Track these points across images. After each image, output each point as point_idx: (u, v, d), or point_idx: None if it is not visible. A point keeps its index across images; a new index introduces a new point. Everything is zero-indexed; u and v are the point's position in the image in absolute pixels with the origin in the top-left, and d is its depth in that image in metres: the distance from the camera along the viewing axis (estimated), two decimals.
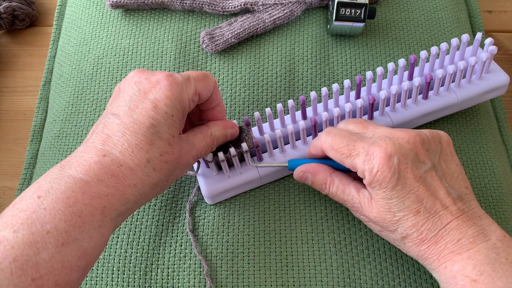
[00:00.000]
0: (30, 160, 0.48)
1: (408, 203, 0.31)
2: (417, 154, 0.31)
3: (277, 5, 0.47)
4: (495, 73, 0.42)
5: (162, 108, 0.31)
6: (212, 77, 0.35)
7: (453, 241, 0.30)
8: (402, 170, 0.30)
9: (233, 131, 0.37)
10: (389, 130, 0.32)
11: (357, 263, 0.37)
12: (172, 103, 0.31)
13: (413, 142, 0.31)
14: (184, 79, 0.32)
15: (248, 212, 0.39)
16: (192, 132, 0.34)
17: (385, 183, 0.31)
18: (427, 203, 0.31)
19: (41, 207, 0.27)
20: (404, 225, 0.31)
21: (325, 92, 0.38)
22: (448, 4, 0.50)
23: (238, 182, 0.38)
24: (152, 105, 0.31)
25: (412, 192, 0.31)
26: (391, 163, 0.30)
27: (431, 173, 0.31)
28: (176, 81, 0.32)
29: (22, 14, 0.57)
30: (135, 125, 0.30)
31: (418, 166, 0.31)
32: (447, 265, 0.30)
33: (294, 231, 0.39)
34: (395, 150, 0.31)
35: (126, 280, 0.37)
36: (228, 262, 0.37)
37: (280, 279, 0.37)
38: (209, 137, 0.35)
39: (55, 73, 0.50)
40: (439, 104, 0.40)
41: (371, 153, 0.31)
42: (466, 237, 0.30)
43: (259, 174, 0.38)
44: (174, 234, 0.39)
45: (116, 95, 0.33)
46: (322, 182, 0.36)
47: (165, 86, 0.31)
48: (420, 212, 0.31)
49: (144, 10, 0.49)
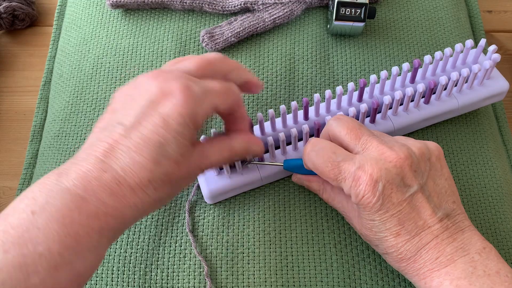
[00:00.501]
0: (30, 160, 0.48)
1: (389, 225, 0.31)
2: (404, 178, 0.31)
3: (277, 4, 0.47)
4: (496, 79, 0.42)
5: (172, 126, 0.28)
6: (236, 90, 0.32)
7: (431, 260, 0.31)
8: (386, 195, 0.31)
9: (258, 149, 0.34)
10: (379, 147, 0.32)
11: (357, 263, 0.37)
12: (185, 121, 0.28)
13: (400, 165, 0.31)
14: (202, 92, 0.29)
15: (248, 212, 0.39)
16: (210, 143, 0.32)
17: (369, 208, 0.31)
18: (408, 226, 0.31)
19: (35, 226, 0.25)
20: (384, 244, 0.32)
21: (329, 94, 0.38)
22: (448, 4, 0.50)
23: (239, 183, 0.38)
24: (162, 121, 0.28)
25: (394, 215, 0.31)
26: (376, 189, 0.30)
27: (417, 196, 0.31)
28: (193, 95, 0.28)
29: (22, 14, 0.57)
30: (141, 141, 0.27)
31: (403, 190, 0.31)
32: (426, 281, 0.31)
33: (294, 231, 0.38)
34: (381, 175, 0.30)
35: (126, 280, 0.37)
36: (228, 262, 0.37)
37: (280, 279, 0.37)
38: (227, 151, 0.32)
39: (55, 73, 0.50)
40: (440, 109, 0.40)
41: (357, 179, 0.31)
42: (444, 255, 0.31)
43: (260, 175, 0.38)
44: (174, 234, 0.39)
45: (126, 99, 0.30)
46: (316, 189, 0.38)
47: (179, 101, 0.28)
48: (400, 235, 0.31)
49: (144, 10, 0.49)
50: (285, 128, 0.39)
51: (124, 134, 0.28)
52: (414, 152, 0.32)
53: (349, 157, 0.32)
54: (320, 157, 0.33)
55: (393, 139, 0.33)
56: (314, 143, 0.34)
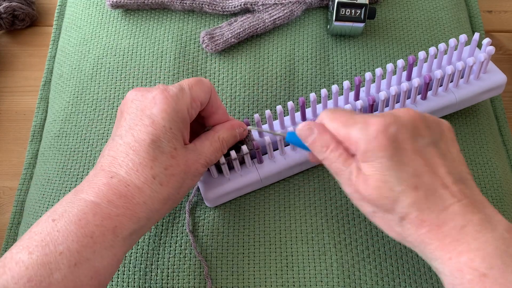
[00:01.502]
0: (30, 160, 0.48)
1: (405, 176, 0.28)
2: (417, 128, 0.29)
3: (277, 5, 0.47)
4: (493, 73, 0.42)
5: (159, 122, 0.31)
6: (207, 80, 0.35)
7: (456, 228, 0.27)
8: (400, 140, 0.28)
9: (241, 131, 0.37)
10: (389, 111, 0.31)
11: (357, 263, 0.37)
12: (169, 115, 0.31)
13: (413, 116, 0.30)
14: (178, 89, 0.33)
15: (248, 213, 0.39)
16: (199, 140, 0.34)
17: (381, 152, 0.28)
18: (426, 179, 0.28)
19: (55, 230, 0.28)
20: (403, 202, 0.28)
21: (325, 93, 0.38)
22: (448, 4, 0.50)
23: (238, 185, 0.38)
24: (150, 121, 0.31)
25: (410, 165, 0.28)
26: (389, 131, 0.28)
27: (430, 149, 0.29)
28: (170, 93, 0.32)
29: (22, 14, 0.57)
30: (137, 144, 0.30)
31: (418, 139, 0.29)
32: (452, 256, 0.27)
33: (294, 231, 0.39)
34: (394, 120, 0.29)
35: (126, 280, 0.37)
36: (228, 263, 0.37)
37: (280, 279, 0.37)
38: (217, 142, 0.35)
39: (55, 73, 0.50)
40: (438, 104, 0.40)
41: (369, 122, 0.29)
42: (472, 225, 0.27)
43: (260, 176, 0.38)
44: (174, 235, 0.39)
45: (119, 117, 0.33)
46: (325, 144, 0.31)
47: (160, 100, 0.31)
48: (419, 189, 0.28)
49: (144, 10, 0.49)
50: (283, 129, 0.39)
51: (121, 142, 0.31)
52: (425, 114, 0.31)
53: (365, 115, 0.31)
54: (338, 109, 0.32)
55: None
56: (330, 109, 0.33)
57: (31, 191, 0.45)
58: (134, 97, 0.32)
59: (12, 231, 0.45)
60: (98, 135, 0.43)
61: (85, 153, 0.43)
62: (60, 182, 0.42)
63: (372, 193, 0.29)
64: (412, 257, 0.37)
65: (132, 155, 0.30)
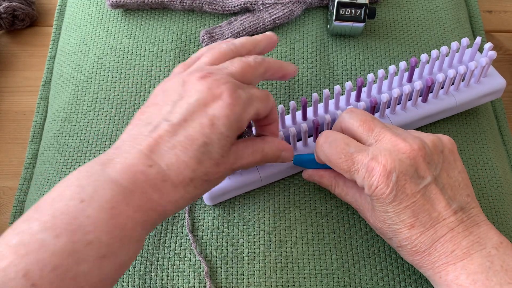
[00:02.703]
0: (30, 160, 0.48)
1: (403, 217, 0.31)
2: (417, 169, 0.31)
3: (277, 4, 0.47)
4: (493, 77, 0.42)
5: (219, 127, 0.29)
6: (272, 98, 0.33)
7: (446, 253, 0.31)
8: (400, 186, 0.30)
9: (287, 156, 0.35)
10: (392, 139, 0.32)
11: (357, 263, 0.37)
12: (231, 123, 0.29)
13: (413, 157, 0.31)
14: (248, 97, 0.30)
15: (248, 212, 0.39)
16: (244, 144, 0.32)
17: (382, 199, 0.31)
18: (422, 218, 0.31)
19: (84, 214, 0.25)
20: (398, 237, 0.32)
21: (327, 94, 0.38)
22: (448, 4, 0.50)
23: (238, 184, 0.38)
24: (209, 121, 0.29)
25: (409, 207, 0.31)
26: (390, 181, 0.30)
27: (430, 187, 0.31)
28: (239, 99, 0.30)
29: (22, 14, 0.57)
30: (187, 140, 0.28)
31: (417, 181, 0.31)
32: (441, 275, 0.31)
33: (294, 231, 0.38)
34: (394, 166, 0.30)
35: (125, 280, 0.37)
36: (228, 263, 0.37)
37: (280, 279, 0.37)
38: (259, 154, 0.33)
39: (55, 73, 0.50)
40: (438, 107, 0.40)
41: (370, 170, 0.31)
42: (460, 248, 0.30)
43: (260, 175, 0.38)
44: (174, 234, 0.39)
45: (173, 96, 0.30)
46: (327, 184, 0.37)
47: (227, 104, 0.29)
48: (415, 227, 0.31)
49: (144, 10, 0.49)
50: (284, 128, 0.39)
51: (170, 130, 0.28)
52: (427, 144, 0.32)
53: (362, 149, 0.32)
54: (333, 148, 0.33)
55: (406, 132, 0.33)
56: (327, 135, 0.34)
57: (31, 191, 0.45)
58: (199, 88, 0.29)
59: None
60: (98, 135, 0.43)
61: (84, 153, 0.43)
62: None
63: (374, 224, 0.34)
64: None
65: (179, 150, 0.28)
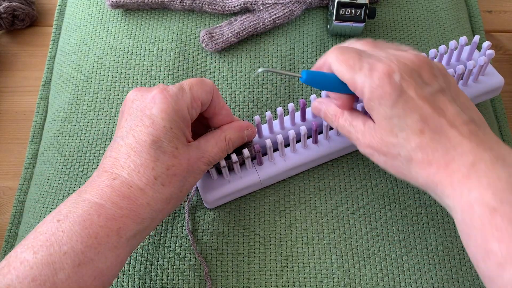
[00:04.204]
0: (30, 160, 0.48)
1: (410, 122, 0.28)
2: (421, 75, 0.29)
3: (277, 4, 0.47)
4: (491, 75, 0.42)
5: (159, 122, 0.31)
6: (209, 81, 0.34)
7: (466, 165, 0.27)
8: (404, 87, 0.28)
9: (250, 132, 0.37)
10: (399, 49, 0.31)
11: (357, 264, 0.37)
12: (169, 115, 0.31)
13: (418, 63, 0.30)
14: (178, 88, 0.32)
15: (248, 213, 0.39)
16: (204, 138, 0.34)
17: (384, 100, 0.29)
18: (432, 123, 0.28)
19: (60, 230, 0.28)
20: (407, 147, 0.28)
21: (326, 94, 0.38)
22: (448, 4, 0.50)
23: (238, 187, 0.38)
24: (150, 121, 0.31)
25: (415, 110, 0.28)
26: (392, 79, 0.29)
27: (438, 96, 0.29)
28: (170, 92, 0.32)
29: (22, 14, 0.57)
30: (138, 145, 0.30)
31: (423, 86, 0.29)
32: (462, 192, 0.26)
33: (294, 232, 0.38)
34: (398, 67, 0.29)
35: (126, 280, 0.37)
36: (228, 263, 0.37)
37: (280, 279, 0.37)
38: (223, 141, 0.34)
39: (55, 73, 0.50)
40: None
41: (374, 69, 0.29)
42: (483, 162, 0.26)
43: (259, 178, 0.38)
44: (174, 235, 0.39)
45: (120, 117, 0.33)
46: (333, 113, 0.35)
47: (160, 100, 0.31)
48: (425, 132, 0.28)
49: (144, 10, 0.49)
50: (283, 130, 0.39)
51: (122, 144, 0.31)
52: (431, 60, 0.31)
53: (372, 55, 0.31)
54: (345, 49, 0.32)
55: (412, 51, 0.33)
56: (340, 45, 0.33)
57: (31, 191, 0.45)
58: (135, 97, 0.32)
59: (12, 231, 0.45)
60: (98, 135, 0.43)
61: (84, 153, 0.43)
62: (60, 182, 0.42)
63: (379, 143, 0.30)
64: (412, 257, 0.37)
65: (134, 156, 0.30)
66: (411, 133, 0.28)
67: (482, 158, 0.27)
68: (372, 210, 0.39)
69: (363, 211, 0.39)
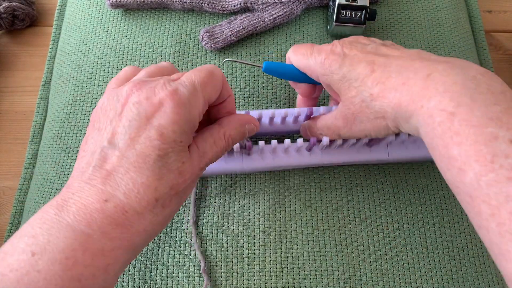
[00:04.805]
0: (30, 160, 0.48)
1: (360, 69, 0.30)
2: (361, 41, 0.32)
3: (277, 4, 0.47)
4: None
5: (169, 136, 0.26)
6: (218, 72, 0.29)
7: (422, 77, 0.26)
8: (346, 52, 0.31)
9: (252, 127, 0.33)
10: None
11: (358, 264, 0.37)
12: (181, 128, 0.26)
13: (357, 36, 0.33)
14: (191, 92, 0.27)
15: (248, 213, 0.39)
16: (201, 138, 0.29)
17: (333, 66, 0.31)
18: (379, 61, 0.29)
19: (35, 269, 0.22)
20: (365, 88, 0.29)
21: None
22: (448, 4, 0.50)
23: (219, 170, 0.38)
24: (157, 133, 0.25)
25: (362, 61, 0.30)
26: (335, 50, 0.32)
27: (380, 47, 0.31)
28: (182, 99, 0.26)
29: (22, 14, 0.57)
30: (140, 159, 0.25)
31: (364, 47, 0.31)
32: (422, 104, 0.26)
33: (295, 232, 0.38)
34: (339, 42, 0.32)
35: (125, 280, 0.37)
36: (227, 264, 0.37)
37: (280, 280, 0.37)
38: (222, 140, 0.30)
39: (55, 73, 0.50)
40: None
41: (321, 50, 0.33)
42: (438, 71, 0.26)
43: (243, 167, 0.37)
44: (173, 235, 0.39)
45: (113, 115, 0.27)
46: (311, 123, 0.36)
47: (171, 109, 0.26)
48: (375, 70, 0.29)
49: (144, 10, 0.49)
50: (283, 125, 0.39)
51: (119, 155, 0.26)
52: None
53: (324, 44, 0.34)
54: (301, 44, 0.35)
55: None
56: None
57: (31, 191, 0.45)
58: (135, 99, 0.26)
59: (12, 231, 0.45)
60: None
61: None
62: (60, 182, 0.42)
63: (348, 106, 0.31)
64: (412, 257, 0.37)
65: (134, 172, 0.25)
66: (363, 77, 0.29)
67: (436, 69, 0.26)
68: (372, 210, 0.39)
69: (363, 211, 0.39)
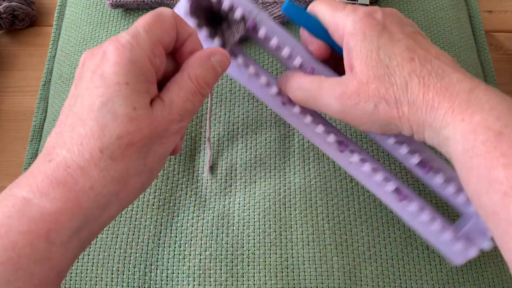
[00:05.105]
0: (30, 160, 0.48)
1: (398, 50, 0.27)
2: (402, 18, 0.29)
3: (277, 4, 0.47)
4: None
5: (112, 78, 0.24)
6: (167, 12, 0.27)
7: (465, 90, 0.25)
8: (387, 23, 0.28)
9: (219, 57, 0.28)
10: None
11: (359, 265, 0.37)
12: (123, 68, 0.24)
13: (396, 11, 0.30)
14: (131, 35, 0.25)
15: (248, 213, 0.39)
16: (165, 88, 0.27)
17: (369, 31, 0.27)
18: (420, 53, 0.27)
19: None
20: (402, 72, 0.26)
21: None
22: (448, 4, 0.50)
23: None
24: (100, 79, 0.24)
25: (401, 42, 0.27)
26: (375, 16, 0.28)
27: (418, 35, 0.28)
28: (122, 41, 0.25)
29: (22, 14, 0.57)
30: (84, 111, 0.24)
31: (404, 26, 0.28)
32: (464, 117, 0.24)
33: (295, 232, 0.38)
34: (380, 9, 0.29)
35: (125, 280, 0.37)
36: (227, 264, 0.37)
37: (280, 281, 0.37)
38: (187, 82, 0.27)
39: (55, 73, 0.50)
40: None
41: (356, 9, 0.28)
42: (481, 88, 0.25)
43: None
44: (173, 235, 0.39)
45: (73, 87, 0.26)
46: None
47: (112, 53, 0.24)
48: (415, 60, 0.26)
49: (144, 10, 0.49)
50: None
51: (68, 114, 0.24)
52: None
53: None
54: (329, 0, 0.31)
55: None
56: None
57: None
58: (85, 58, 0.26)
59: None
60: None
61: None
62: None
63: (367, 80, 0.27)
64: (413, 257, 0.37)
65: (79, 126, 0.23)
66: (401, 60, 0.26)
67: (478, 85, 0.25)
68: (373, 211, 0.39)
69: (364, 212, 0.39)
